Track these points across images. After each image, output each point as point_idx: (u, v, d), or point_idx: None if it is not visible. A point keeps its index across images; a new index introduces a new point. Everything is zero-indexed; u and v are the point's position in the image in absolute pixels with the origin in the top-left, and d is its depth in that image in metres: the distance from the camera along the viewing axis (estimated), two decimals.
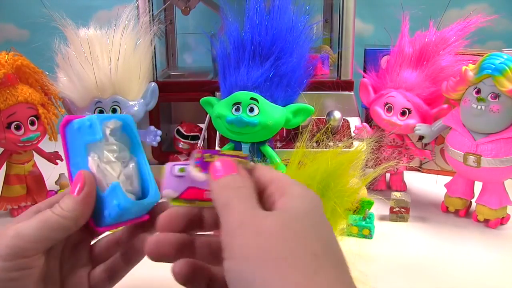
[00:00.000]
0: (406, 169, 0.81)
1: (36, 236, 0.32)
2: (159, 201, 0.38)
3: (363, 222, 0.62)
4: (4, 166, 0.70)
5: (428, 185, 0.82)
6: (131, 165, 0.38)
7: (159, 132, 0.76)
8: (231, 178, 0.29)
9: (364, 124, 0.79)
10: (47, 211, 0.33)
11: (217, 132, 0.73)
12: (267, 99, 0.65)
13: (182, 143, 0.83)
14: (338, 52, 0.84)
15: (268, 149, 0.67)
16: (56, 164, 0.76)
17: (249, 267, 0.23)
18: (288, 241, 0.24)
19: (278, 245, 0.24)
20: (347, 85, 0.83)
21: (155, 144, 0.76)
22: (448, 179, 0.73)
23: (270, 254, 0.23)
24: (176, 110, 0.95)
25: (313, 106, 0.67)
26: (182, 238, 0.32)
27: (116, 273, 0.39)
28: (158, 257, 0.31)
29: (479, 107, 0.63)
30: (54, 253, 0.36)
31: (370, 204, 0.64)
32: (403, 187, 0.80)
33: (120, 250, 0.40)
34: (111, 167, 0.36)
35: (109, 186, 0.35)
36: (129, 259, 0.39)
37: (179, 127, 0.85)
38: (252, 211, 0.26)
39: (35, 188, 0.71)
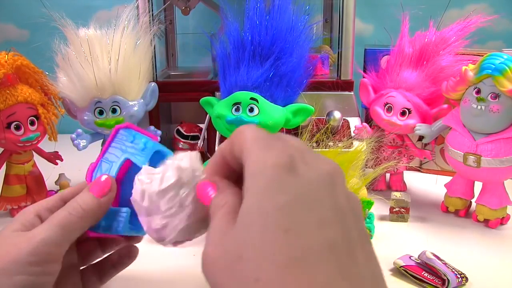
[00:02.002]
0: (406, 169, 0.81)
1: (61, 241, 0.32)
2: None
3: None
4: (4, 166, 0.70)
5: (428, 185, 0.82)
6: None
7: (159, 132, 0.76)
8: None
9: (364, 124, 0.79)
10: (66, 213, 0.33)
11: (217, 132, 0.73)
12: (267, 99, 0.65)
13: (182, 143, 0.83)
14: (338, 52, 0.84)
15: None
16: (56, 164, 0.76)
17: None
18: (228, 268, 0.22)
19: (222, 278, 0.22)
20: (347, 85, 0.83)
21: None
22: (448, 179, 0.73)
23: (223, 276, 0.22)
24: (176, 110, 0.95)
25: (313, 106, 0.67)
26: None
27: (106, 273, 0.40)
28: None
29: (479, 107, 0.63)
30: None
31: (370, 204, 0.64)
32: (403, 187, 0.80)
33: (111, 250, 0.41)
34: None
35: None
36: (118, 262, 0.41)
37: (179, 127, 0.85)
38: (221, 232, 0.24)
39: (35, 188, 0.71)
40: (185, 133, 0.84)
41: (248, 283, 0.20)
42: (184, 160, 0.29)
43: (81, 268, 0.40)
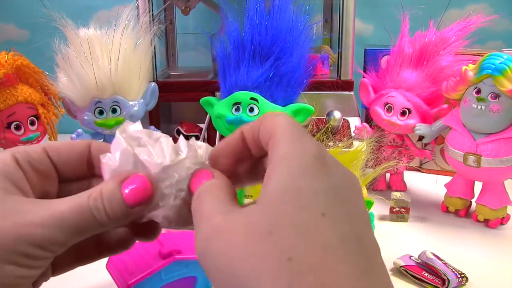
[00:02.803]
0: (406, 169, 0.81)
1: (67, 242, 0.25)
2: None
3: None
4: None
5: (428, 185, 0.82)
6: None
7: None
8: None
9: (364, 124, 0.79)
10: (87, 207, 0.25)
11: (217, 132, 0.73)
12: (267, 99, 0.65)
13: None
14: (338, 52, 0.84)
15: None
16: None
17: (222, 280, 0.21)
18: (254, 245, 0.21)
19: (245, 253, 0.21)
20: (347, 85, 0.83)
21: None
22: (448, 179, 0.73)
23: (238, 264, 0.21)
24: (176, 110, 0.95)
25: (313, 106, 0.67)
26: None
27: (84, 256, 0.30)
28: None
29: (479, 107, 0.63)
30: None
31: (370, 204, 0.64)
32: (403, 187, 0.80)
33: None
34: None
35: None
36: (102, 248, 0.31)
37: (179, 127, 0.85)
38: (222, 214, 0.23)
39: None
40: (185, 133, 0.84)
41: (279, 260, 0.20)
42: (202, 147, 0.28)
43: None
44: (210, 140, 0.83)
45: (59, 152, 0.28)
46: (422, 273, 0.53)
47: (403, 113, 0.73)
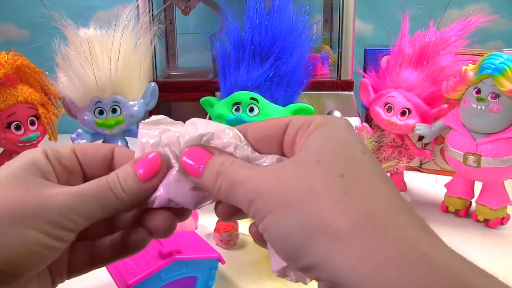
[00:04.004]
0: (406, 169, 0.81)
1: (90, 215, 0.27)
2: None
3: None
4: None
5: (428, 185, 0.82)
6: None
7: None
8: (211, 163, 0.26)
9: (364, 124, 0.79)
10: (105, 186, 0.27)
11: None
12: (267, 99, 0.65)
13: None
14: (338, 52, 0.84)
15: None
16: None
17: (277, 218, 0.23)
18: (307, 176, 0.23)
19: (296, 184, 0.23)
20: (347, 85, 0.83)
21: None
22: (448, 179, 0.73)
23: (290, 195, 0.23)
24: (176, 110, 0.95)
25: (313, 106, 0.67)
26: None
27: (99, 258, 0.31)
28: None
29: (479, 107, 0.63)
30: None
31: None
32: (403, 187, 0.80)
33: (111, 234, 0.32)
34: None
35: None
36: (117, 250, 0.31)
37: None
38: (257, 169, 0.25)
39: None
40: None
41: (332, 177, 0.23)
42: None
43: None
44: None
45: (85, 152, 0.30)
46: None
47: (403, 113, 0.73)
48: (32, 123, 0.67)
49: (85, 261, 0.30)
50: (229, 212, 0.28)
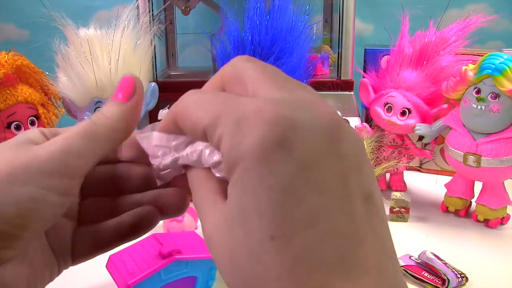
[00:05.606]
0: (406, 169, 0.81)
1: (85, 151, 0.25)
2: None
3: None
4: None
5: (428, 185, 0.82)
6: None
7: None
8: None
9: (364, 124, 0.79)
10: (89, 122, 0.26)
11: None
12: None
13: None
14: (338, 52, 0.84)
15: None
16: None
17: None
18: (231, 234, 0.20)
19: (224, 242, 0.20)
20: (347, 85, 0.83)
21: None
22: (448, 179, 0.73)
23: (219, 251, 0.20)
24: None
25: None
26: None
27: (103, 242, 0.29)
28: None
29: (479, 107, 0.63)
30: None
31: None
32: (403, 187, 0.80)
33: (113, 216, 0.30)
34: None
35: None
36: (122, 234, 0.29)
37: None
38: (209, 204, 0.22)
39: None
40: None
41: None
42: None
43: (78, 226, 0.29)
44: None
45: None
46: (422, 273, 0.53)
47: (403, 113, 0.73)
48: (32, 123, 0.67)
49: (89, 245, 0.29)
50: None
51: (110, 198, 0.29)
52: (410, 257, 0.56)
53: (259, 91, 0.21)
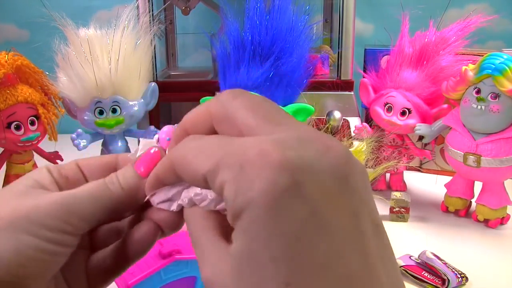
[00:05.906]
0: (406, 169, 0.81)
1: (89, 214, 0.25)
2: None
3: None
4: (4, 166, 0.70)
5: (428, 185, 0.82)
6: None
7: (159, 132, 0.76)
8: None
9: (364, 124, 0.79)
10: (101, 185, 0.26)
11: None
12: None
13: None
14: (338, 52, 0.84)
15: None
16: (56, 164, 0.76)
17: None
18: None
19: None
20: (347, 85, 0.83)
21: None
22: (448, 179, 0.73)
23: None
24: (176, 110, 0.95)
25: (313, 106, 0.67)
26: None
27: (115, 266, 0.29)
28: None
29: (479, 107, 0.63)
30: None
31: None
32: (403, 187, 0.80)
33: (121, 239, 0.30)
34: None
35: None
36: (129, 252, 0.29)
37: None
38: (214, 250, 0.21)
39: None
40: None
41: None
42: None
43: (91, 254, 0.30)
44: None
45: (88, 162, 0.29)
46: (422, 273, 0.53)
47: (403, 113, 0.73)
48: (32, 123, 0.67)
49: (103, 270, 0.29)
50: None
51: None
52: (410, 257, 0.56)
53: (256, 132, 0.20)
